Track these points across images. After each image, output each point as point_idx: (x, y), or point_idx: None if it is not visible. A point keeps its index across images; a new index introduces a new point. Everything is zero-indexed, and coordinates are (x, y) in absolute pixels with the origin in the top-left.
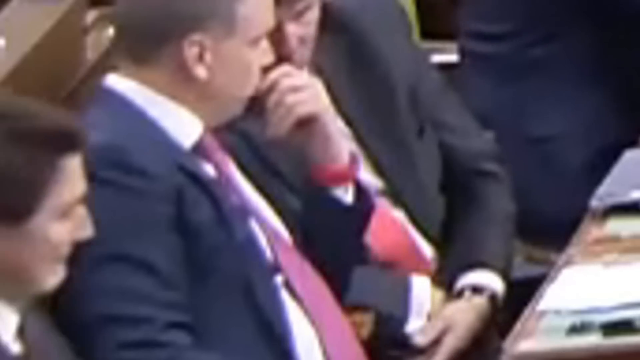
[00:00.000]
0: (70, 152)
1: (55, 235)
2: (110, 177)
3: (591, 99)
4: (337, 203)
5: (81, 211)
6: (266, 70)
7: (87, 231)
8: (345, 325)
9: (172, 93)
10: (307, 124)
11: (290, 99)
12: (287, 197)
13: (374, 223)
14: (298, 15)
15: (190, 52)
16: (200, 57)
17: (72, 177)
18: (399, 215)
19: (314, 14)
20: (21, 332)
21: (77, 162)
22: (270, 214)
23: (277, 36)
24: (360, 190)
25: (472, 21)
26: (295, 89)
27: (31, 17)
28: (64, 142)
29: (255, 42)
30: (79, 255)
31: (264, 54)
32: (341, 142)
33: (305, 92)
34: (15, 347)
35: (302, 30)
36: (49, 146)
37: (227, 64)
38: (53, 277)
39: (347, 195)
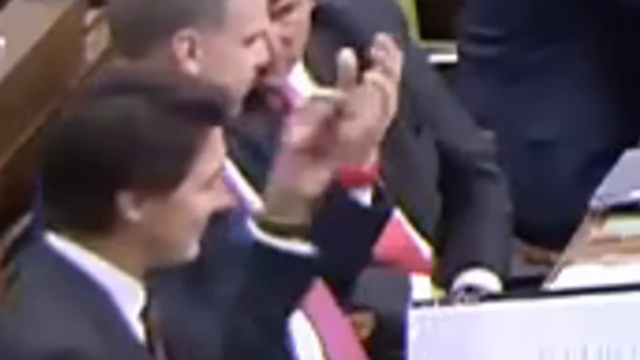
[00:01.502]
0: (216, 123)
1: (200, 205)
2: None
3: (589, 102)
4: (355, 204)
5: (219, 182)
6: (262, 71)
7: (222, 201)
8: (345, 325)
9: None
10: None
11: None
12: None
13: None
14: (279, 15)
15: (181, 47)
16: (192, 53)
17: (216, 147)
18: (398, 214)
19: (300, 15)
20: (144, 312)
21: (219, 133)
22: None
23: None
24: (379, 193)
25: (470, 24)
26: None
27: (31, 17)
28: (212, 112)
29: (248, 41)
30: None
31: (258, 53)
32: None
33: None
34: (139, 326)
35: (285, 30)
36: (199, 116)
37: (218, 60)
38: (191, 250)
39: (365, 196)
